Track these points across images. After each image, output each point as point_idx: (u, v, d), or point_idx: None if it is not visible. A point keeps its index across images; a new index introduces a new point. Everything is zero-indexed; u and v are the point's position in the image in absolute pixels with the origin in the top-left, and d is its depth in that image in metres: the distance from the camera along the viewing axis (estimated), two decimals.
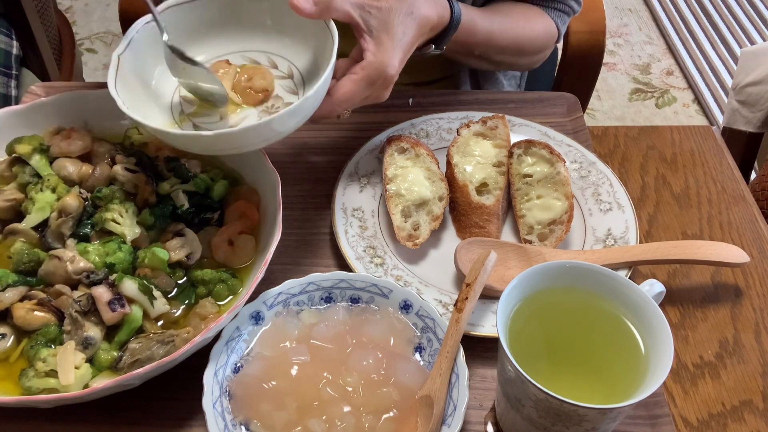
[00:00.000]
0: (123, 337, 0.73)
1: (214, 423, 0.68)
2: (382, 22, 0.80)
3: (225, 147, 0.78)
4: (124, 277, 0.73)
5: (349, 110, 0.83)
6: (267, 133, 0.76)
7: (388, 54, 0.80)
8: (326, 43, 0.81)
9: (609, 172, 0.94)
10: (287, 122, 0.76)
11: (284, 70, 0.88)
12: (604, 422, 0.60)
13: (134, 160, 0.85)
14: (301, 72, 0.87)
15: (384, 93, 0.83)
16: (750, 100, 1.53)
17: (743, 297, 0.88)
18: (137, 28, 0.83)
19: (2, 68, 1.42)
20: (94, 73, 2.65)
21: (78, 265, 0.75)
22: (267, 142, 0.78)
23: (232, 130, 0.74)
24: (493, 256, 0.73)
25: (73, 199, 0.80)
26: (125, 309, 0.72)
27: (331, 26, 0.80)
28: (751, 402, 0.79)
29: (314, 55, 0.87)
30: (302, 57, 0.88)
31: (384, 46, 0.80)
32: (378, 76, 0.79)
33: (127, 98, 0.78)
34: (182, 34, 0.86)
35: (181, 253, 0.78)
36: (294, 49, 0.88)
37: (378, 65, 0.79)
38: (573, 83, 1.31)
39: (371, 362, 0.72)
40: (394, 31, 0.80)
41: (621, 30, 2.95)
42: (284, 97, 0.86)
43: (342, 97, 0.79)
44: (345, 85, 0.79)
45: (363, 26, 0.80)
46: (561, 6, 1.07)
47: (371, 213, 0.90)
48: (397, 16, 0.81)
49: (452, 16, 0.89)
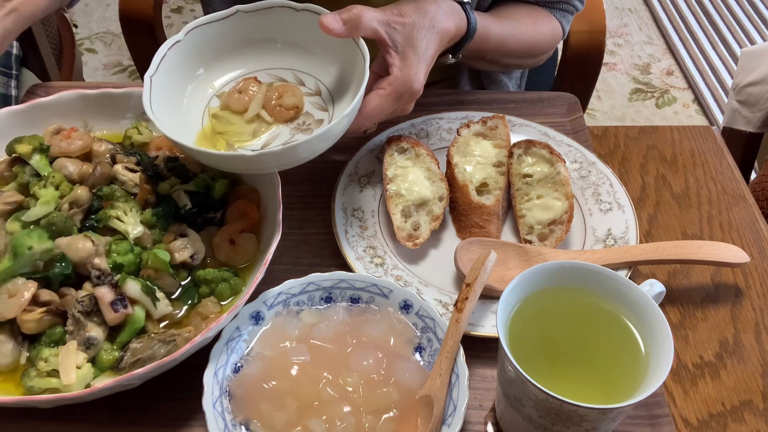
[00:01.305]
0: (125, 337, 0.73)
1: (214, 423, 0.68)
2: (407, 37, 0.82)
3: (264, 166, 0.79)
4: (127, 278, 0.73)
5: (376, 124, 0.85)
6: (307, 150, 0.77)
7: (413, 68, 0.81)
8: (354, 60, 0.83)
9: (609, 172, 0.94)
10: (330, 137, 0.78)
11: (311, 87, 0.89)
12: (604, 422, 0.60)
13: (134, 160, 0.85)
14: (329, 88, 0.88)
15: (409, 106, 0.85)
16: (750, 100, 1.53)
17: (743, 297, 0.88)
18: (166, 49, 0.84)
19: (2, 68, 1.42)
20: (94, 73, 2.66)
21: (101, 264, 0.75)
22: (303, 160, 0.79)
23: (274, 150, 0.75)
24: (493, 256, 0.73)
25: (83, 191, 0.80)
26: (128, 310, 0.72)
27: (360, 44, 0.81)
28: (751, 402, 0.79)
29: (340, 71, 0.88)
30: (329, 73, 0.89)
31: (409, 61, 0.81)
32: (405, 91, 0.81)
33: (162, 119, 0.79)
34: (210, 52, 0.87)
35: (185, 253, 0.78)
36: (320, 66, 0.89)
37: (405, 80, 0.81)
38: (573, 83, 1.31)
39: (371, 362, 0.72)
40: (418, 45, 0.82)
41: (621, 30, 2.95)
42: (314, 114, 0.87)
43: (371, 112, 0.80)
44: (373, 100, 0.81)
45: (389, 42, 0.81)
46: (565, 6, 1.08)
47: (371, 213, 0.90)
48: (420, 31, 0.82)
49: (469, 26, 0.91)
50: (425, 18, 0.83)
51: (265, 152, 0.76)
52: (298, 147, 0.75)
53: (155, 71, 0.82)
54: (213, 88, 0.89)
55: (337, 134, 0.79)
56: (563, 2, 1.08)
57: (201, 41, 0.86)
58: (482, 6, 1.05)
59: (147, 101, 0.80)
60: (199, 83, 0.88)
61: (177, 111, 0.84)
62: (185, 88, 0.87)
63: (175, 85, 0.85)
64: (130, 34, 1.37)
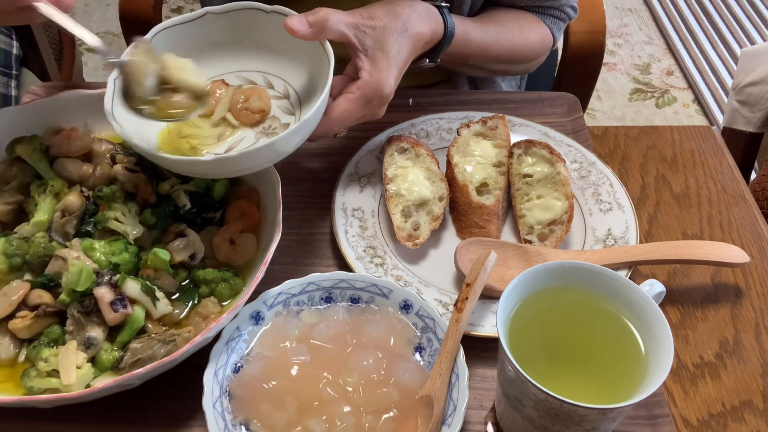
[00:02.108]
0: (125, 337, 0.73)
1: (214, 423, 0.68)
2: (377, 40, 0.81)
3: (224, 171, 0.79)
4: (126, 278, 0.73)
5: (346, 128, 0.84)
6: (268, 155, 0.77)
7: (383, 73, 0.80)
8: (322, 63, 0.82)
9: (609, 172, 0.94)
10: (290, 143, 0.77)
11: (280, 90, 0.88)
12: (604, 422, 0.60)
13: (134, 160, 0.85)
14: (297, 92, 0.88)
15: (380, 111, 0.84)
16: (750, 100, 1.53)
17: (743, 297, 0.88)
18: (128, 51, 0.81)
19: (2, 68, 1.42)
20: (94, 73, 2.65)
21: None
22: (267, 164, 0.79)
23: (232, 155, 0.75)
24: (493, 256, 0.73)
25: (75, 197, 0.80)
26: (127, 310, 0.72)
27: (326, 47, 0.81)
28: (751, 402, 0.79)
29: (310, 75, 0.87)
30: (298, 77, 0.88)
31: (379, 65, 0.80)
32: (374, 95, 0.80)
33: (124, 122, 0.78)
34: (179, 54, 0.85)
35: (184, 253, 0.78)
36: (290, 69, 0.88)
37: (374, 84, 0.80)
38: (573, 83, 1.31)
39: (371, 362, 0.72)
40: (389, 49, 0.81)
41: (621, 30, 2.95)
42: (281, 117, 0.86)
43: (339, 116, 0.80)
44: (342, 105, 0.80)
45: (358, 45, 0.80)
46: (556, 13, 1.07)
47: (371, 213, 0.90)
48: (391, 35, 0.81)
49: (446, 29, 0.89)
50: (397, 21, 0.82)
51: (219, 158, 0.75)
52: (253, 153, 0.74)
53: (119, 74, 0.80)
54: None
55: (299, 140, 0.78)
56: (555, 8, 1.07)
57: (170, 43, 0.85)
58: (473, 9, 1.04)
59: (109, 104, 0.78)
60: None
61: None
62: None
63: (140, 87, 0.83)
64: (130, 34, 1.36)
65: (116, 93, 0.79)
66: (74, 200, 0.80)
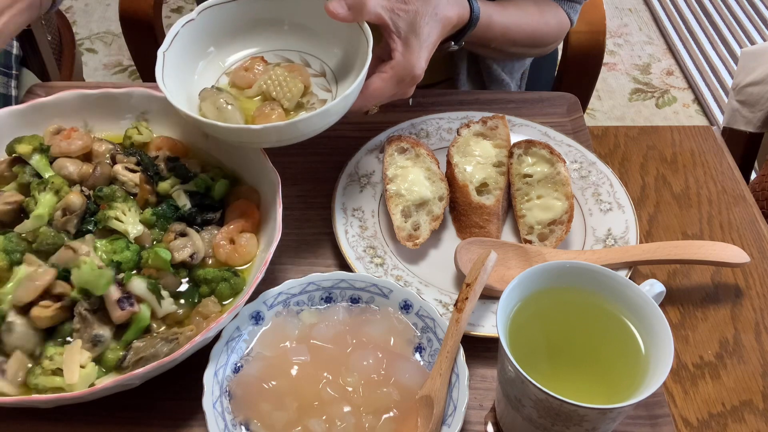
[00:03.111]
0: (130, 336, 0.73)
1: (214, 423, 0.68)
2: (410, 23, 0.84)
3: (267, 140, 0.81)
4: (132, 276, 0.73)
5: (377, 107, 0.87)
6: (310, 126, 0.80)
7: (415, 54, 0.84)
8: (358, 43, 0.86)
9: (609, 172, 0.94)
10: (330, 115, 0.80)
11: (317, 69, 0.92)
12: (604, 422, 0.60)
13: (134, 160, 0.85)
14: (333, 70, 0.91)
15: (410, 90, 0.88)
16: (750, 100, 1.53)
17: (743, 297, 0.88)
18: (179, 27, 0.87)
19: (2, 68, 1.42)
20: (94, 73, 2.66)
21: None
22: (307, 135, 0.81)
23: (280, 124, 0.78)
24: (493, 256, 0.73)
25: (76, 196, 0.80)
26: (134, 308, 0.72)
27: (365, 28, 0.84)
28: (751, 402, 0.79)
29: (345, 54, 0.91)
30: (333, 55, 0.92)
31: (411, 47, 0.84)
32: (406, 75, 0.84)
33: (172, 92, 0.82)
34: (221, 31, 0.91)
35: (184, 253, 0.78)
36: (325, 48, 0.92)
37: (406, 65, 0.84)
38: (573, 83, 1.31)
39: (371, 362, 0.72)
40: (420, 32, 0.84)
41: (621, 30, 2.95)
42: (318, 93, 0.90)
43: (373, 93, 0.83)
44: (375, 83, 0.83)
45: (392, 27, 0.84)
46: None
47: (371, 213, 0.90)
48: (423, 18, 0.85)
49: (471, 14, 0.93)
50: (428, 6, 0.85)
51: (268, 126, 0.78)
52: (299, 123, 0.77)
53: (168, 47, 0.85)
54: (222, 66, 0.92)
55: (339, 112, 0.81)
56: None
57: (213, 21, 0.89)
58: None
59: (159, 75, 0.82)
60: (210, 61, 0.91)
61: (187, 86, 0.87)
62: (196, 65, 0.90)
63: (186, 62, 0.88)
64: (130, 34, 1.37)
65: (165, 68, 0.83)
66: (75, 199, 0.80)
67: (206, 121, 0.78)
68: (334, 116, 0.81)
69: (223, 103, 0.83)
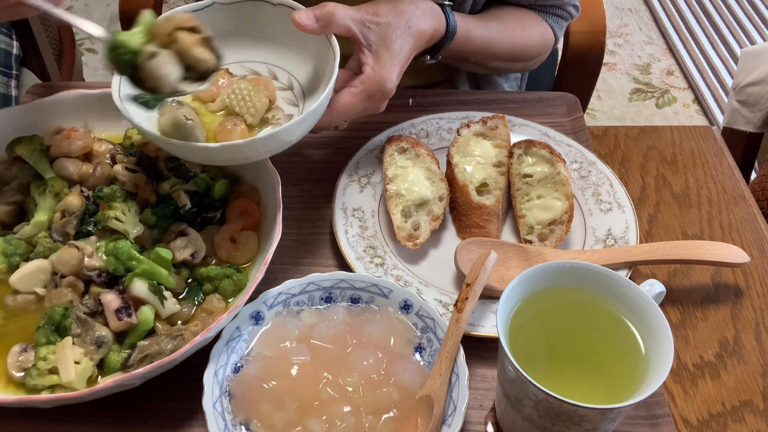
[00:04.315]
0: (133, 339, 0.73)
1: (214, 423, 0.68)
2: (381, 37, 0.82)
3: (229, 158, 0.80)
4: (134, 278, 0.73)
5: (347, 121, 0.86)
6: (273, 144, 0.77)
7: (386, 68, 0.82)
8: (327, 56, 0.83)
9: (609, 172, 0.94)
10: (294, 132, 0.78)
11: (284, 82, 0.89)
12: (604, 422, 0.60)
13: (134, 160, 0.85)
14: (301, 84, 0.89)
15: (381, 105, 0.86)
16: (750, 100, 1.53)
17: (743, 297, 0.88)
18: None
19: (2, 68, 1.42)
20: (94, 73, 2.65)
21: (93, 263, 0.75)
22: (271, 153, 0.80)
23: (237, 143, 0.75)
24: (493, 256, 0.73)
25: (75, 198, 0.80)
26: (131, 319, 0.72)
27: (332, 41, 0.82)
28: (751, 402, 0.79)
29: (314, 67, 0.88)
30: (302, 69, 0.89)
31: (382, 61, 0.82)
32: (377, 90, 0.82)
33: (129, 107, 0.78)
34: None
35: (185, 252, 0.78)
36: (294, 61, 0.89)
37: (377, 79, 0.81)
38: (573, 83, 1.30)
39: (371, 362, 0.72)
40: (392, 45, 0.82)
41: (621, 30, 2.95)
42: (285, 108, 0.87)
43: (342, 108, 0.81)
44: (345, 98, 0.81)
45: (363, 41, 0.82)
46: (558, 11, 1.07)
47: (371, 213, 0.90)
48: (395, 32, 0.83)
49: (448, 27, 0.91)
50: (401, 18, 0.83)
51: (225, 145, 0.75)
52: (259, 141, 0.76)
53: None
54: None
55: (304, 130, 0.79)
56: (556, 7, 1.07)
57: None
58: (476, 7, 1.04)
59: (116, 92, 0.79)
60: None
61: None
62: None
63: None
64: None
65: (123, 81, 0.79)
66: (74, 201, 0.80)
67: (161, 138, 0.75)
68: (297, 133, 0.78)
69: (182, 119, 0.80)
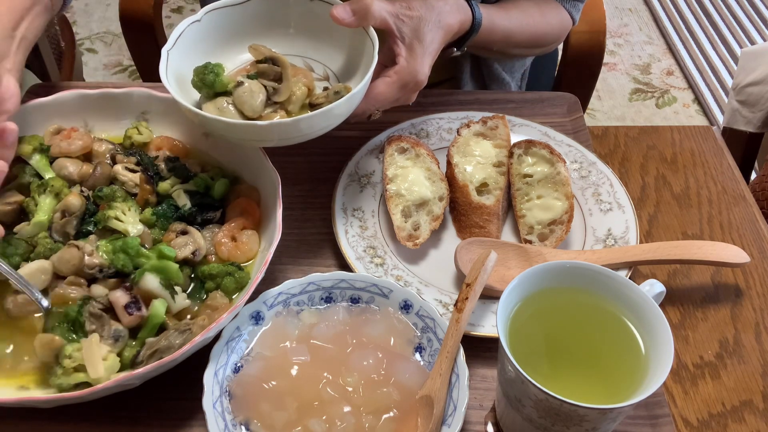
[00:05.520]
0: (145, 334, 0.73)
1: (214, 423, 0.68)
2: (414, 30, 0.85)
3: (268, 138, 0.81)
4: (144, 272, 0.74)
5: (380, 111, 0.88)
6: (316, 124, 0.80)
7: (418, 60, 0.85)
8: (362, 47, 0.87)
9: (609, 172, 0.94)
10: (337, 114, 0.80)
11: (320, 73, 0.92)
12: (605, 422, 0.60)
13: (134, 160, 0.85)
14: (336, 74, 0.92)
15: (412, 96, 0.88)
16: (750, 100, 1.53)
17: (743, 297, 0.88)
18: (184, 27, 0.87)
19: None
20: (94, 73, 2.65)
21: (93, 261, 0.75)
22: (307, 137, 0.81)
23: (286, 121, 0.78)
24: (493, 256, 0.73)
25: (75, 198, 0.80)
26: (142, 312, 0.72)
27: (370, 32, 0.85)
28: (751, 402, 0.79)
29: (348, 59, 0.91)
30: (337, 60, 0.92)
31: (415, 53, 0.85)
32: (410, 80, 0.85)
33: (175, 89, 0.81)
34: (226, 34, 0.90)
35: (186, 250, 0.78)
36: (329, 53, 0.93)
37: (410, 70, 0.84)
38: (573, 83, 1.31)
39: (371, 362, 0.72)
40: (423, 38, 0.85)
41: (621, 30, 2.95)
42: None
43: (377, 97, 0.84)
44: (380, 87, 0.84)
45: (397, 33, 0.85)
46: None
47: (371, 213, 0.90)
48: (426, 25, 0.86)
49: (474, 20, 0.94)
50: (432, 13, 0.86)
51: (272, 123, 0.78)
52: (301, 121, 0.78)
53: (172, 46, 0.85)
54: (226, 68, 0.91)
55: (343, 113, 0.81)
56: None
57: (218, 23, 0.89)
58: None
59: (164, 72, 0.82)
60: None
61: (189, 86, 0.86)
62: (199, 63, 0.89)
63: (189, 62, 0.87)
64: (130, 34, 1.37)
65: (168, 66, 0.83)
66: (74, 201, 0.80)
67: (210, 117, 0.78)
68: (337, 117, 0.81)
69: (224, 104, 0.83)
